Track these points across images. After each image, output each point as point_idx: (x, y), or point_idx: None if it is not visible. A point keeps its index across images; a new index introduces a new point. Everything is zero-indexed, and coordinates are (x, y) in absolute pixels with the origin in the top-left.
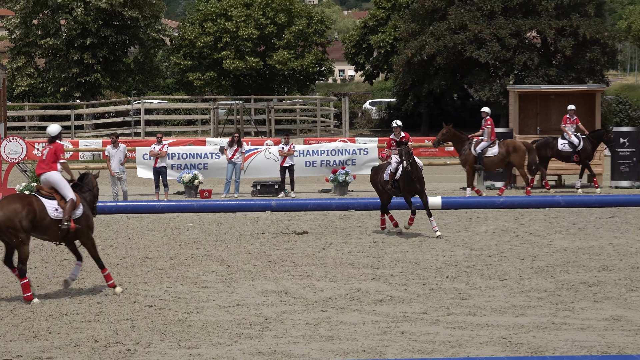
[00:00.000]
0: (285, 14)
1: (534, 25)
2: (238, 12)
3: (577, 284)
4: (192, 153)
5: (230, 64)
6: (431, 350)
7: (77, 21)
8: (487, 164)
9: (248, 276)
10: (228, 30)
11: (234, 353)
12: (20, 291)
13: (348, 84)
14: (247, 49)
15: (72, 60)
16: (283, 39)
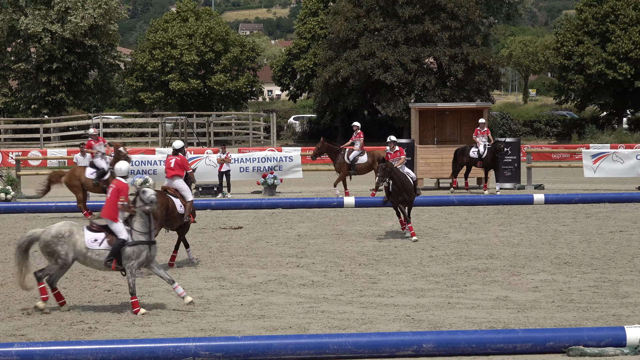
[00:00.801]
0: (222, 43)
1: (431, 53)
2: (182, 42)
3: (468, 269)
4: (144, 160)
5: (175, 85)
6: (347, 326)
7: (45, 49)
8: (358, 170)
9: (191, 264)
10: (173, 57)
11: (180, 330)
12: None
13: (275, 102)
14: (189, 72)
15: (40, 82)
16: (220, 64)
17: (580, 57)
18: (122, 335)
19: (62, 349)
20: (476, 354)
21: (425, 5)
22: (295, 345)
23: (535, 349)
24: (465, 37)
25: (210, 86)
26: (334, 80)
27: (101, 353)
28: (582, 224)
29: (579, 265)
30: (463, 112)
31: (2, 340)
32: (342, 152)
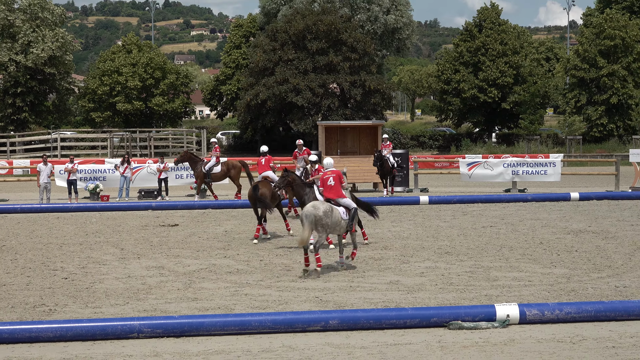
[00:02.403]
0: (160, 71)
1: (335, 79)
2: (127, 70)
3: (366, 259)
4: (95, 169)
5: (121, 106)
6: (266, 307)
7: (11, 75)
8: (213, 178)
9: (135, 256)
10: (120, 82)
11: (126, 311)
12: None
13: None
14: (133, 95)
15: (7, 104)
16: (159, 88)
17: (457, 83)
18: (77, 316)
19: (27, 327)
20: (373, 328)
21: (329, 40)
22: (223, 322)
23: (422, 323)
24: (362, 66)
25: (150, 107)
26: (254, 102)
27: (60, 331)
28: (460, 220)
29: (457, 254)
30: (361, 129)
31: None
32: (200, 162)
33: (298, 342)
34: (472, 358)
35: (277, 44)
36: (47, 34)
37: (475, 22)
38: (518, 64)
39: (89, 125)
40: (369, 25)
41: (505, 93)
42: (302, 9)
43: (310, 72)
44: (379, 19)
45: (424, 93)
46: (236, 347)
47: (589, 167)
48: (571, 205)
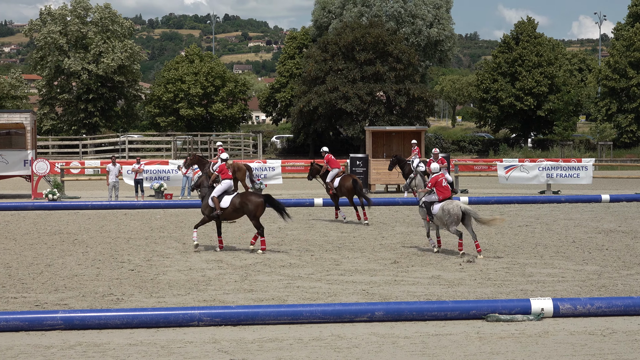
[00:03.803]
0: (220, 79)
1: (381, 88)
2: (189, 78)
3: (410, 254)
4: (159, 169)
5: (184, 111)
6: (316, 298)
7: (83, 83)
8: None
9: (196, 250)
10: (183, 90)
11: (188, 300)
12: (50, 255)
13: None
14: (195, 102)
15: (80, 109)
16: (219, 95)
17: (495, 92)
18: (142, 305)
19: (96, 315)
20: (416, 319)
21: (376, 51)
22: (276, 312)
23: (462, 316)
24: (407, 76)
25: (211, 112)
26: (307, 109)
27: (126, 318)
28: None
29: (494, 251)
30: (406, 134)
31: (50, 308)
32: (208, 164)
33: (346, 332)
34: (509, 348)
35: (328, 54)
36: (117, 45)
37: (512, 35)
38: (552, 74)
39: (154, 129)
40: (413, 38)
41: (540, 101)
42: (351, 22)
43: (358, 81)
44: (422, 32)
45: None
46: (289, 336)
47: (619, 170)
48: (602, 206)
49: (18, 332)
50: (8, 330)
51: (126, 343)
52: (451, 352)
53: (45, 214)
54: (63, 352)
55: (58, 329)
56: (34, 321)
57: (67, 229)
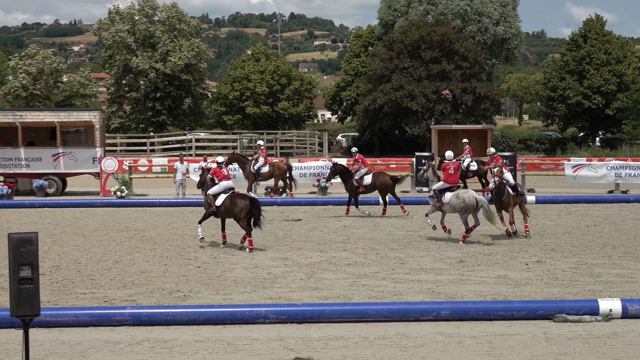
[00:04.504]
0: (286, 78)
1: (447, 86)
2: (255, 76)
3: (476, 254)
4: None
5: (250, 110)
6: (382, 297)
7: (151, 82)
8: (263, 177)
9: (262, 248)
10: (249, 88)
11: (253, 298)
12: (118, 252)
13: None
14: (261, 100)
15: (147, 107)
16: (284, 94)
17: (563, 90)
18: (209, 302)
19: (163, 311)
20: (482, 319)
21: (442, 49)
22: (342, 310)
23: (528, 316)
24: (473, 74)
25: (277, 111)
26: (372, 107)
27: (193, 315)
28: (565, 220)
29: (562, 251)
30: (472, 132)
31: (118, 304)
32: (248, 163)
33: (411, 331)
34: (576, 349)
35: (394, 53)
36: (184, 43)
37: (580, 32)
38: (621, 73)
39: (221, 128)
40: (480, 36)
41: (608, 100)
42: (417, 20)
43: (424, 79)
44: (489, 30)
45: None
46: (354, 334)
47: None
48: None
49: (87, 328)
50: (77, 325)
51: (193, 339)
52: (518, 352)
53: (114, 211)
54: (131, 347)
55: (126, 324)
56: (102, 317)
57: (135, 226)
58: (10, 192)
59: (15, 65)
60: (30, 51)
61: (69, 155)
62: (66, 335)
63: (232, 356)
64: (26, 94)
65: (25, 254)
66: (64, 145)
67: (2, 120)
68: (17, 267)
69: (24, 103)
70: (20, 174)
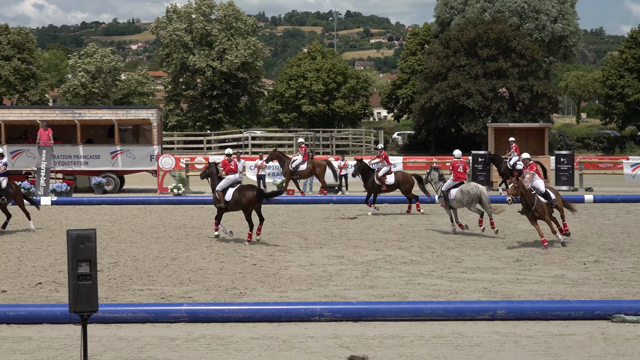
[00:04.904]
0: (342, 76)
1: (504, 84)
2: (311, 75)
3: (533, 253)
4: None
5: (306, 108)
6: (437, 296)
7: (208, 80)
8: (300, 174)
9: (318, 246)
10: (305, 86)
11: (309, 295)
12: (175, 249)
13: (383, 121)
14: (317, 98)
15: (204, 105)
16: (340, 92)
17: (622, 88)
18: (264, 299)
19: (220, 308)
20: (539, 319)
21: (499, 47)
22: (397, 309)
23: (586, 316)
24: (530, 72)
25: (332, 109)
26: (428, 105)
27: (249, 312)
28: (623, 219)
29: (620, 251)
30: (529, 131)
31: (175, 301)
32: (288, 160)
33: (467, 330)
34: (635, 350)
35: (450, 50)
36: (240, 42)
37: None
38: None
39: (277, 125)
40: (537, 34)
41: None
42: (473, 18)
43: (480, 77)
44: (546, 27)
45: (590, 97)
46: (409, 333)
47: None
48: None
49: (144, 324)
50: (135, 321)
51: (249, 337)
52: (575, 352)
53: (171, 208)
54: (187, 344)
55: (183, 321)
56: (159, 313)
57: (191, 223)
58: (69, 189)
59: (74, 64)
60: (89, 50)
61: (127, 153)
62: (124, 332)
63: (288, 354)
64: (85, 92)
65: (83, 250)
66: (121, 143)
67: (61, 118)
68: (75, 263)
69: (83, 101)
70: (78, 172)
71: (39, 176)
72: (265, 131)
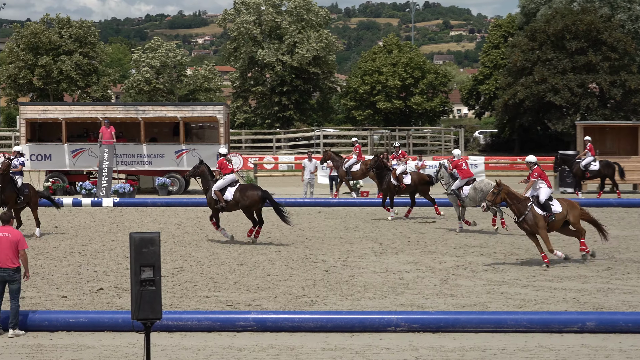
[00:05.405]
0: (419, 71)
1: (594, 79)
2: (387, 69)
3: (625, 260)
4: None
5: (381, 104)
6: (522, 306)
7: (278, 75)
8: (353, 175)
9: (394, 251)
10: (380, 82)
11: (384, 304)
12: (243, 254)
13: (463, 119)
14: (393, 94)
15: (273, 102)
16: (418, 87)
17: None
18: (337, 308)
19: (289, 317)
20: (632, 332)
21: (589, 39)
22: (478, 320)
23: None
24: (623, 66)
25: (409, 106)
26: (512, 102)
27: (320, 321)
28: None
29: None
30: (621, 129)
31: (242, 309)
32: (341, 161)
33: (554, 343)
34: None
35: (536, 43)
36: (312, 35)
37: None
38: None
39: (350, 123)
40: (630, 25)
41: None
42: (561, 8)
43: (568, 72)
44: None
45: None
46: (491, 345)
47: None
48: None
49: (210, 333)
50: (200, 330)
51: (320, 347)
52: None
53: (238, 211)
54: (255, 354)
55: (250, 330)
56: (226, 322)
57: None
58: (132, 190)
59: (138, 59)
60: (153, 44)
61: (193, 152)
62: (188, 340)
63: None
64: (149, 88)
65: (147, 254)
66: (187, 142)
67: (124, 115)
68: (138, 268)
69: (147, 97)
70: (142, 172)
71: (100, 176)
72: (338, 129)
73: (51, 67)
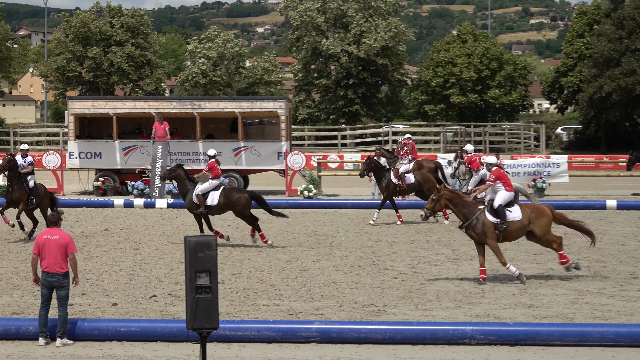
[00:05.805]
0: (497, 62)
1: None
2: (461, 60)
3: None
4: None
5: (455, 98)
6: (608, 317)
7: (343, 67)
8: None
9: (468, 257)
10: (454, 74)
11: (458, 315)
12: (305, 259)
13: (544, 114)
14: (468, 87)
15: (339, 96)
16: (495, 80)
17: None
18: (407, 318)
19: (355, 327)
20: None
21: None
22: (561, 332)
23: None
24: None
25: (486, 100)
26: (598, 95)
27: (389, 333)
28: None
29: None
30: None
31: (305, 319)
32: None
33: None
34: None
35: (624, 32)
36: (380, 23)
37: None
38: None
39: (421, 119)
40: None
41: None
42: None
43: None
44: None
45: None
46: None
47: None
48: None
49: (270, 344)
50: (260, 341)
51: None
52: None
53: (300, 213)
54: None
55: (313, 341)
56: (287, 332)
57: (323, 230)
58: None
59: (194, 50)
60: (210, 34)
61: (252, 150)
62: (247, 352)
63: None
64: (205, 81)
65: (203, 259)
66: (246, 139)
67: (179, 110)
68: (194, 274)
69: (203, 91)
70: (198, 170)
71: (153, 175)
72: (408, 125)
73: (101, 58)
